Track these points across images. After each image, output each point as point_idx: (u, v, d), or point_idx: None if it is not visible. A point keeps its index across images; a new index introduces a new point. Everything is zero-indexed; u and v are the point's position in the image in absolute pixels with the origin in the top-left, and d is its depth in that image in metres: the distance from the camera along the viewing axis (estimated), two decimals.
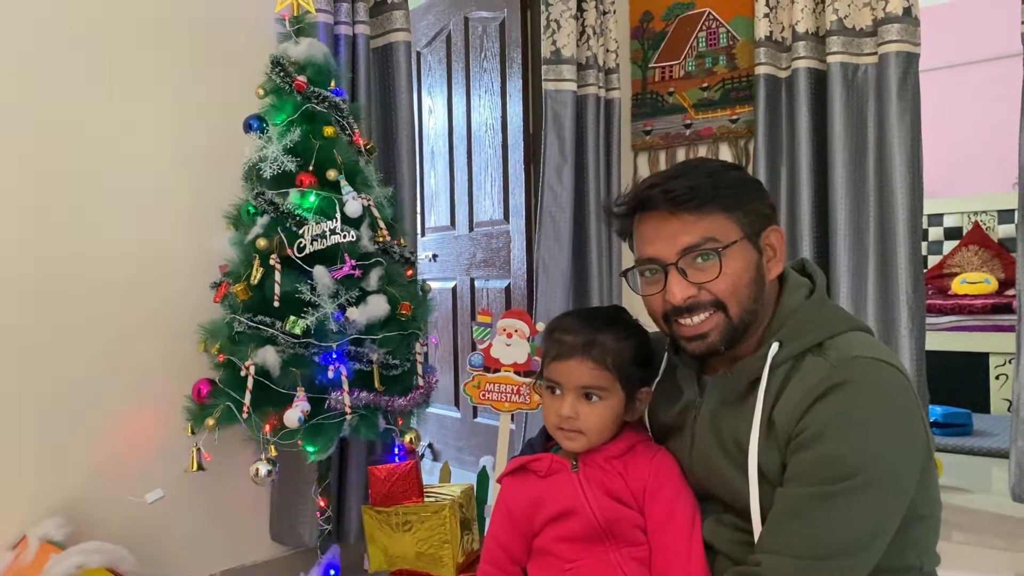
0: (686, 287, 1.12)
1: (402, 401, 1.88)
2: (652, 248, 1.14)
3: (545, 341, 1.23)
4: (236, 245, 1.88)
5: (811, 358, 1.10)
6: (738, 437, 1.12)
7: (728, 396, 1.17)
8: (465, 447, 3.54)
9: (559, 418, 1.17)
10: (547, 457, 1.22)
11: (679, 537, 1.15)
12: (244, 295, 1.80)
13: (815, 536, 1.01)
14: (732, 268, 1.11)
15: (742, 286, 1.12)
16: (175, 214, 2.13)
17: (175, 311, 2.09)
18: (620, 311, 1.26)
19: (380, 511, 1.91)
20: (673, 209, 1.11)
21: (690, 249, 1.11)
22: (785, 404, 1.08)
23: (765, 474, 1.08)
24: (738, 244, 1.11)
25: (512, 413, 2.07)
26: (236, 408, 1.78)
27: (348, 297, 1.82)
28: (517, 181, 3.24)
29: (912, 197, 2.53)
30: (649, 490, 1.17)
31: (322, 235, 1.80)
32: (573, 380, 1.16)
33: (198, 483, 2.03)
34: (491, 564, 1.25)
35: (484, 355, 2.04)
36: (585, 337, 1.18)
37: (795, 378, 1.10)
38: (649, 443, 1.24)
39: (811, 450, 1.04)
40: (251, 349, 1.78)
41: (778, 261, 1.18)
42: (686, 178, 1.12)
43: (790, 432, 1.06)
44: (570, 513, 1.17)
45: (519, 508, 1.21)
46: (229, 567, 2.23)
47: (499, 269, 3.38)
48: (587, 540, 1.17)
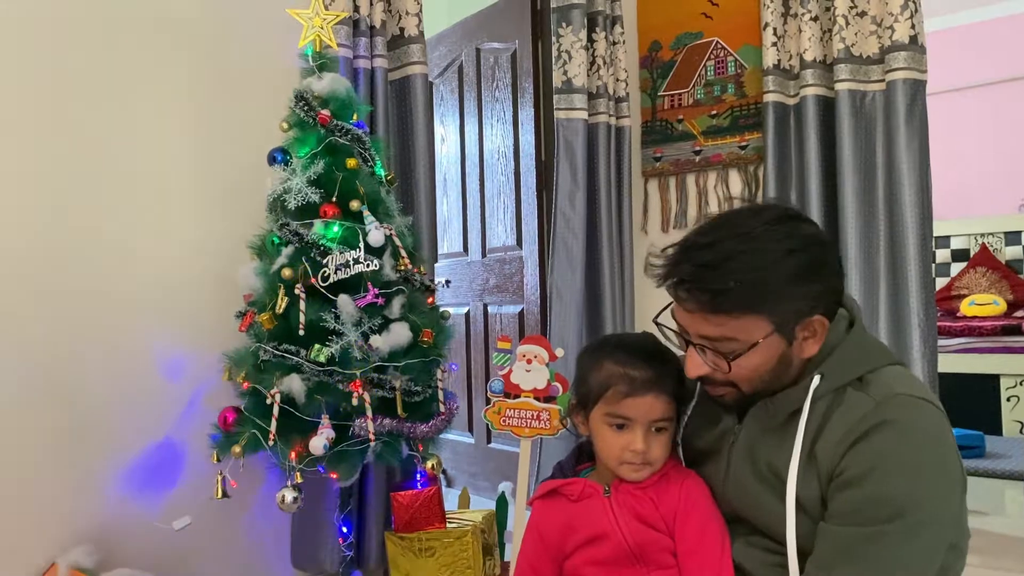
0: (699, 366, 1.14)
1: (424, 427, 1.91)
2: (679, 318, 1.16)
3: (599, 374, 1.21)
4: (261, 275, 1.92)
5: (852, 392, 1.11)
6: (776, 465, 1.14)
7: (768, 425, 1.18)
8: (479, 473, 3.55)
9: (631, 453, 1.18)
10: (580, 482, 1.24)
11: (709, 560, 1.17)
12: (269, 324, 1.84)
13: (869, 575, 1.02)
14: (746, 364, 1.11)
15: (757, 375, 1.13)
16: (200, 244, 2.18)
17: (201, 340, 2.12)
18: (656, 340, 1.26)
19: (403, 537, 1.93)
20: (696, 308, 1.10)
21: (708, 339, 1.12)
22: (828, 438, 1.09)
23: (803, 504, 1.10)
24: (763, 342, 1.09)
25: (533, 439, 2.09)
26: (262, 435, 1.81)
27: (371, 325, 1.86)
28: (530, 208, 3.28)
29: (922, 222, 2.57)
30: (680, 514, 1.19)
31: (346, 264, 1.84)
32: (647, 415, 1.17)
33: (222, 510, 2.05)
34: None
35: (504, 381, 2.07)
36: (655, 371, 1.18)
37: (837, 412, 1.11)
38: (679, 468, 1.26)
39: (857, 489, 1.05)
40: (276, 377, 1.81)
41: (816, 342, 1.15)
42: (721, 276, 1.06)
43: (832, 468, 1.08)
44: (602, 537, 1.19)
45: (550, 531, 1.24)
46: None
47: (512, 294, 3.41)
48: (618, 563, 1.19)
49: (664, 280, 1.14)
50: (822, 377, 1.13)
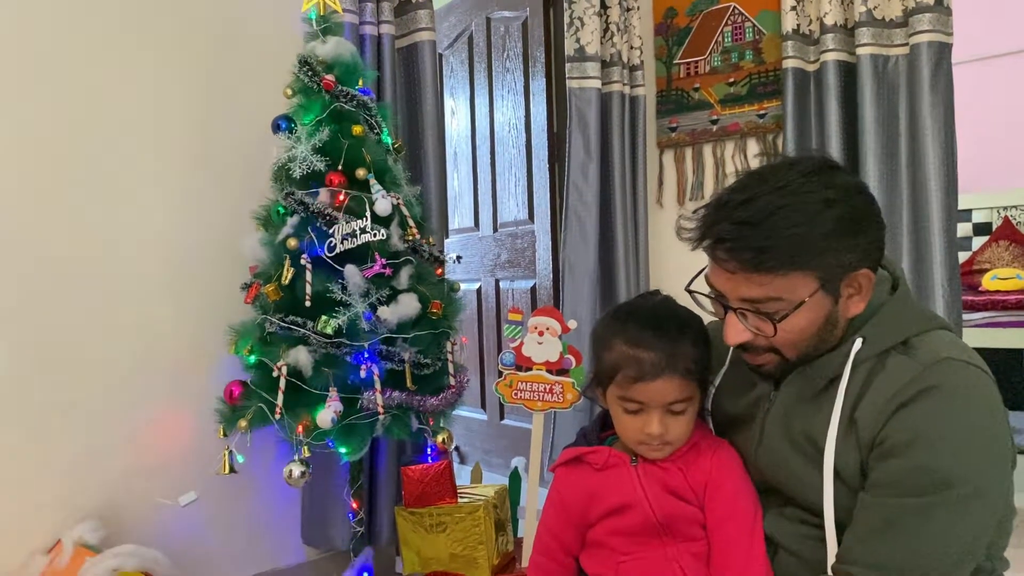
0: (740, 332, 1.07)
1: (434, 401, 1.87)
2: (716, 282, 1.08)
3: (610, 355, 1.13)
4: (266, 245, 1.87)
5: (896, 356, 1.05)
6: (812, 433, 1.08)
7: (805, 392, 1.11)
8: (493, 449, 3.52)
9: (647, 436, 1.11)
10: (604, 450, 1.18)
11: (740, 533, 1.11)
12: (275, 295, 1.79)
13: (913, 551, 0.97)
14: (793, 325, 1.04)
15: (803, 339, 1.06)
16: (204, 215, 2.13)
17: (206, 313, 2.08)
18: (674, 305, 1.18)
19: (414, 512, 1.89)
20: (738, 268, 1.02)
21: (751, 302, 1.04)
22: (869, 404, 1.03)
23: (840, 473, 1.04)
24: (809, 301, 1.02)
25: (545, 412, 2.04)
26: (268, 409, 1.77)
27: (379, 296, 1.81)
28: (541, 181, 3.22)
29: (946, 190, 2.49)
30: (710, 486, 1.13)
31: (352, 234, 1.79)
32: (661, 399, 1.10)
33: (230, 486, 2.02)
34: (543, 555, 1.23)
35: (516, 354, 2.02)
36: (666, 351, 1.09)
37: (879, 377, 1.04)
38: (710, 437, 1.20)
39: (901, 459, 0.99)
40: (283, 350, 1.77)
41: (862, 298, 1.07)
42: (763, 232, 0.99)
43: (875, 435, 1.01)
44: (627, 507, 1.14)
45: (573, 500, 1.18)
46: (261, 571, 2.22)
47: (524, 269, 3.36)
48: (643, 534, 1.14)
49: (700, 241, 1.06)
50: (864, 340, 1.06)
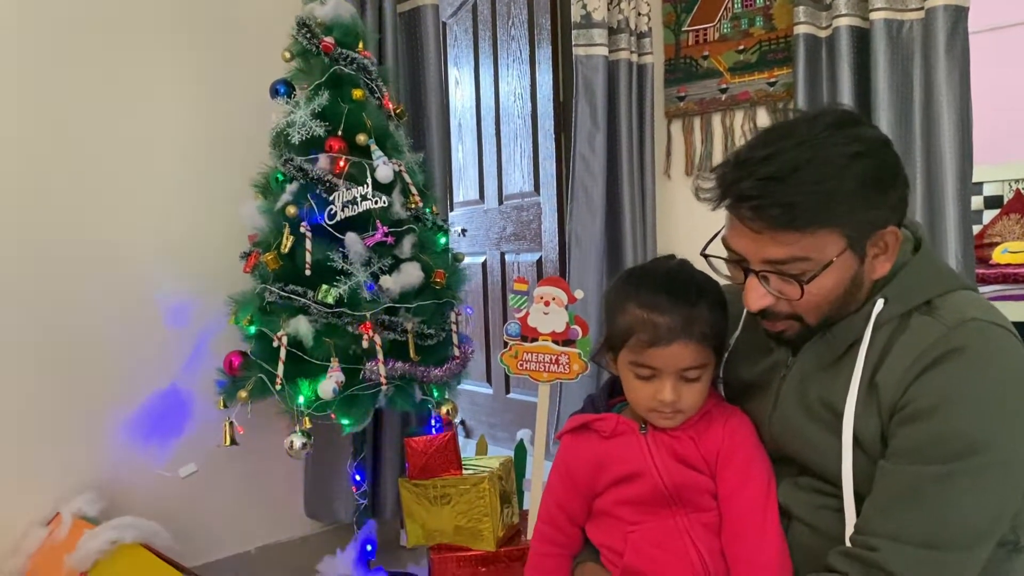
0: (762, 296, 1.01)
1: (438, 371, 1.83)
2: (737, 244, 1.02)
3: (623, 318, 1.08)
4: (265, 213, 1.84)
5: (919, 317, 1.00)
6: (830, 399, 1.03)
7: (824, 358, 1.06)
8: (498, 424, 3.49)
9: (659, 403, 1.06)
10: (612, 418, 1.14)
11: (754, 504, 1.07)
12: (274, 264, 1.76)
13: (937, 522, 0.92)
14: (820, 287, 0.99)
15: (828, 302, 1.01)
16: (202, 184, 2.09)
17: (205, 282, 2.05)
18: (691, 269, 1.13)
19: (417, 484, 1.86)
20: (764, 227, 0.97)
21: (776, 263, 0.98)
22: (891, 367, 0.98)
23: (860, 440, 0.99)
24: (837, 261, 0.98)
25: (551, 383, 2.01)
26: (269, 380, 1.74)
27: (381, 265, 1.78)
28: (547, 151, 3.16)
29: (961, 159, 2.43)
30: (723, 455, 1.09)
31: (353, 201, 1.75)
32: (675, 365, 1.05)
33: (232, 458, 2.00)
34: (548, 524, 1.19)
35: (521, 324, 1.98)
36: (683, 316, 1.04)
37: (902, 339, 0.99)
38: (723, 405, 1.15)
39: (924, 424, 0.94)
40: (283, 319, 1.74)
41: (888, 258, 1.02)
42: (789, 186, 0.94)
43: (896, 400, 0.96)
44: (635, 477, 1.10)
45: (580, 468, 1.14)
46: (265, 543, 2.20)
47: (530, 242, 3.31)
48: (652, 504, 1.10)
49: (721, 200, 1.01)
50: (886, 301, 1.01)
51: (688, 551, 1.06)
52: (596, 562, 1.15)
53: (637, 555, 1.08)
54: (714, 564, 1.06)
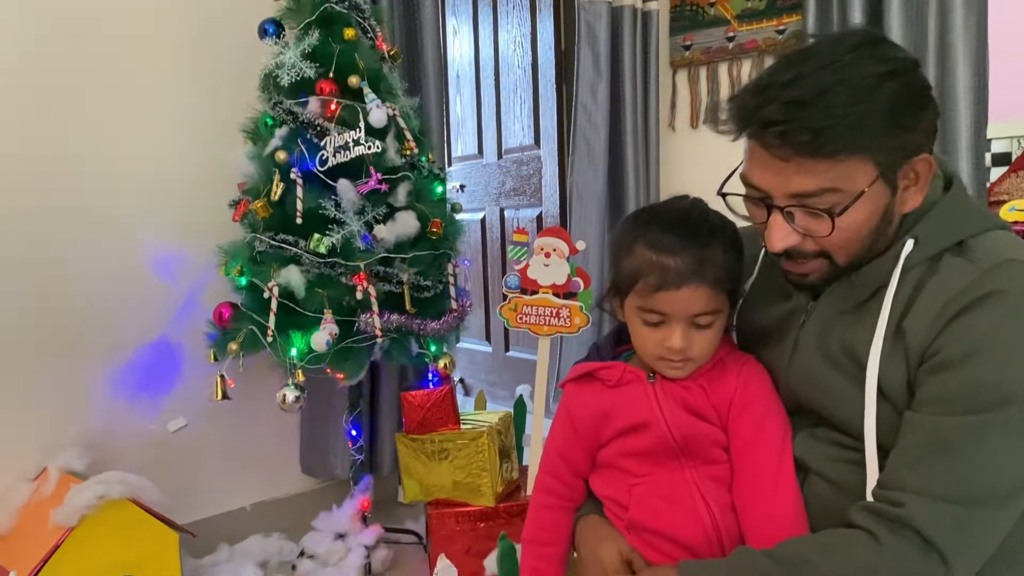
0: (788, 235, 0.94)
1: (435, 324, 1.78)
2: (759, 178, 0.94)
3: (630, 260, 1.00)
4: (254, 159, 1.76)
5: (951, 259, 0.93)
6: (853, 347, 0.96)
7: (848, 303, 0.99)
8: (497, 382, 3.45)
9: (668, 351, 0.99)
10: (618, 366, 1.07)
11: (768, 457, 1.01)
12: (264, 212, 1.69)
13: (968, 475, 0.86)
14: (851, 221, 0.92)
15: (858, 239, 0.94)
16: (189, 130, 2.01)
17: (195, 234, 1.98)
18: (705, 208, 1.05)
19: (415, 439, 1.82)
20: (792, 155, 0.89)
21: (803, 196, 0.91)
22: (920, 312, 0.91)
23: (884, 389, 0.93)
24: (868, 191, 0.90)
25: (551, 337, 1.95)
26: (260, 332, 1.68)
27: (375, 214, 1.71)
28: (548, 103, 3.07)
29: (976, 110, 2.36)
30: (735, 406, 1.02)
31: (345, 146, 1.68)
32: (685, 310, 0.98)
33: (225, 413, 1.95)
34: (550, 475, 1.13)
35: (521, 276, 1.92)
36: (694, 257, 0.97)
37: (932, 282, 0.92)
38: (736, 353, 1.08)
39: (956, 372, 0.87)
40: (274, 269, 1.68)
41: (919, 190, 0.95)
42: (818, 110, 0.86)
43: (926, 346, 0.90)
44: (642, 427, 1.04)
45: (584, 419, 1.08)
46: (259, 500, 2.17)
47: (530, 197, 3.24)
48: (659, 456, 1.04)
49: (743, 129, 0.92)
50: (916, 242, 0.94)
51: (696, 505, 1.01)
52: (599, 515, 1.10)
53: (642, 509, 1.03)
54: (724, 519, 1.00)
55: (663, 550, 1.01)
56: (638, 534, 1.04)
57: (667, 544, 1.01)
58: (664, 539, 1.01)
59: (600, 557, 1.05)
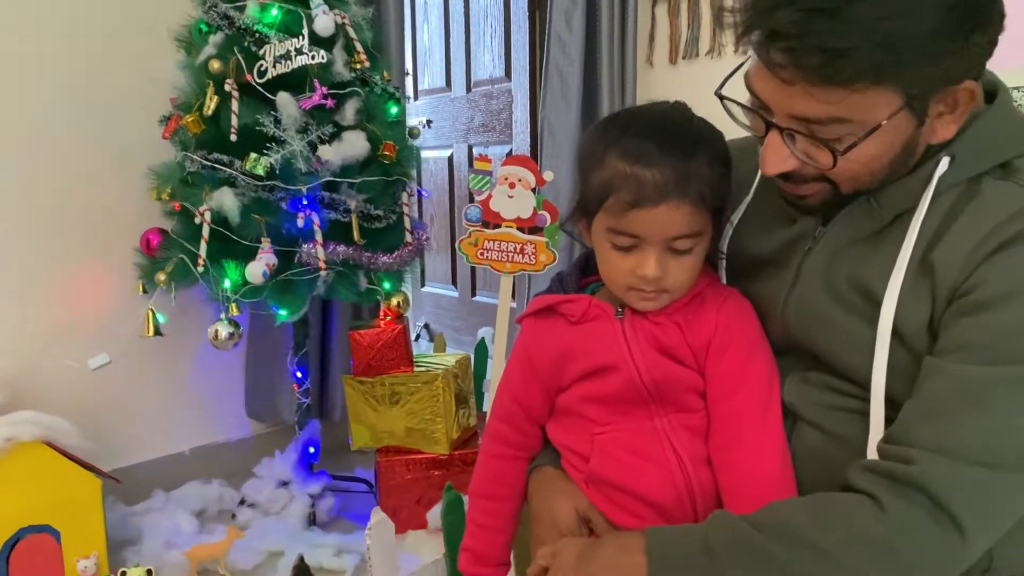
0: (784, 159, 0.79)
1: (387, 258, 1.63)
2: (762, 88, 0.78)
3: (601, 172, 0.85)
4: (186, 70, 1.59)
5: (993, 183, 0.78)
6: (866, 280, 0.82)
7: (863, 229, 0.84)
8: (463, 327, 3.32)
9: (640, 279, 0.85)
10: (583, 299, 0.92)
11: (752, 404, 0.87)
12: (196, 128, 1.53)
13: (997, 434, 0.72)
14: (861, 154, 0.77)
15: (867, 172, 0.79)
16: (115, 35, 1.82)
17: (123, 152, 1.80)
18: (689, 113, 0.89)
19: (363, 382, 1.68)
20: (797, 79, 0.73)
21: (807, 122, 0.76)
22: (953, 243, 0.77)
23: (900, 330, 0.78)
24: (886, 124, 0.75)
25: (515, 275, 1.81)
26: (191, 261, 1.53)
27: (320, 133, 1.55)
28: (520, 31, 2.89)
29: None
30: (715, 346, 0.88)
31: (286, 55, 1.51)
32: (662, 232, 0.84)
33: (160, 351, 1.81)
34: (503, 421, 0.99)
35: (483, 208, 1.77)
36: (675, 170, 0.82)
37: (970, 207, 0.78)
38: (718, 286, 0.94)
39: (996, 313, 0.73)
40: (206, 192, 1.52)
41: (955, 119, 0.79)
42: (841, 26, 0.69)
43: (958, 283, 0.76)
44: (608, 370, 0.89)
45: (543, 359, 0.94)
46: (198, 445, 2.03)
47: (500, 134, 3.07)
48: (627, 403, 0.90)
49: (749, 30, 0.75)
50: (952, 160, 0.79)
51: (666, 457, 0.87)
52: (556, 466, 0.97)
53: (605, 460, 0.89)
54: (697, 474, 0.87)
55: (626, 507, 0.88)
56: (599, 488, 0.90)
57: (631, 500, 0.88)
58: (628, 495, 0.88)
59: (554, 514, 0.92)
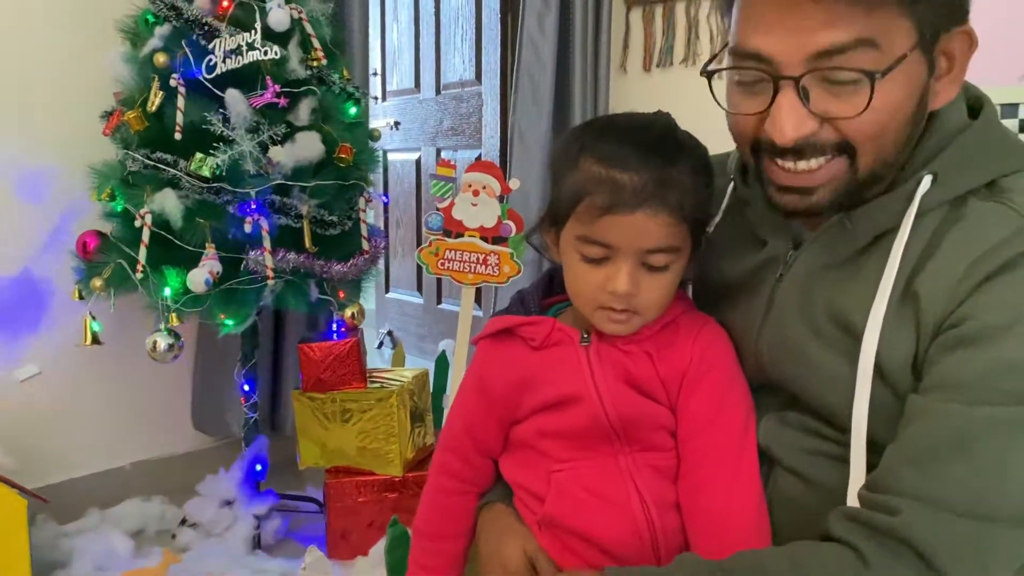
0: (804, 119, 0.70)
1: (341, 267, 1.54)
2: (764, 39, 0.70)
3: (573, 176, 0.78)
4: (130, 63, 1.49)
5: (980, 203, 0.72)
6: (844, 310, 0.75)
7: (838, 253, 0.77)
8: (427, 335, 3.24)
9: (611, 296, 0.77)
10: (546, 322, 0.84)
11: (726, 445, 0.79)
12: (138, 125, 1.44)
13: (989, 482, 0.66)
14: (888, 99, 0.69)
15: (893, 127, 0.71)
16: (61, 28, 1.72)
17: (68, 149, 1.70)
18: (673, 123, 0.81)
19: (313, 397, 1.59)
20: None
21: (830, 55, 0.68)
22: (938, 270, 0.70)
23: (883, 367, 0.72)
24: (907, 60, 0.69)
25: (477, 287, 1.73)
26: (130, 266, 1.43)
27: (272, 133, 1.46)
28: (492, 34, 2.82)
29: None
30: (688, 380, 0.80)
31: (237, 50, 1.42)
32: (637, 242, 0.76)
33: (101, 361, 1.71)
34: (452, 452, 0.91)
35: (444, 216, 1.69)
36: (655, 176, 0.75)
37: (956, 231, 0.71)
38: (693, 313, 0.86)
39: (987, 349, 0.67)
40: (147, 193, 1.42)
41: (953, 79, 0.74)
42: None
43: (945, 315, 0.69)
44: (570, 402, 0.81)
45: (499, 386, 0.85)
46: (140, 459, 1.93)
47: (469, 137, 3.00)
48: (589, 439, 0.81)
49: None
50: (935, 178, 0.72)
51: (629, 500, 0.80)
52: (508, 504, 0.88)
53: (561, 501, 0.81)
54: (662, 519, 0.79)
55: (581, 554, 0.80)
56: (553, 533, 0.82)
57: (587, 547, 0.80)
58: (584, 541, 0.80)
59: (503, 556, 0.84)
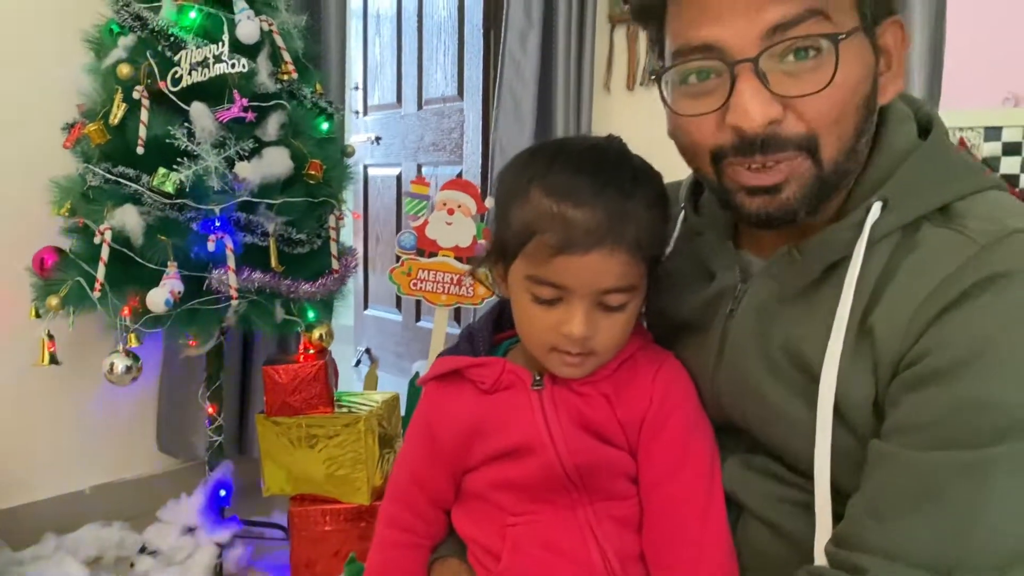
0: (768, 101, 0.66)
1: (309, 287, 1.49)
2: (712, 29, 0.66)
3: (522, 210, 0.73)
4: (93, 74, 1.44)
5: (933, 230, 0.67)
6: (799, 349, 0.71)
7: (790, 286, 0.73)
8: (406, 353, 3.18)
9: (564, 338, 0.72)
10: (497, 363, 0.79)
11: (693, 490, 0.74)
12: (99, 138, 1.39)
13: (957, 533, 0.61)
14: (849, 73, 0.66)
15: (852, 109, 0.68)
16: (18, 37, 1.66)
17: (26, 162, 1.65)
18: (625, 148, 0.77)
19: (278, 422, 1.54)
20: None
21: (784, 28, 0.65)
22: (893, 304, 0.66)
23: (842, 409, 0.67)
24: (854, 37, 0.66)
25: (451, 308, 1.69)
26: (88, 284, 1.37)
27: (239, 148, 1.41)
28: (474, 50, 2.79)
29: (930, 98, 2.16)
30: (649, 423, 0.75)
31: (203, 62, 1.37)
32: (592, 283, 0.71)
33: (57, 381, 1.64)
34: (400, 503, 0.84)
35: (418, 235, 1.65)
36: (609, 212, 0.70)
37: (909, 260, 0.67)
38: (651, 348, 0.81)
39: (947, 388, 0.62)
40: (107, 209, 1.37)
41: (895, 75, 0.71)
42: None
43: (902, 352, 0.65)
44: (523, 451, 0.75)
45: (447, 433, 0.79)
46: (101, 482, 1.86)
47: (450, 154, 2.96)
48: (545, 490, 0.76)
49: None
50: (885, 204, 0.68)
51: (589, 554, 0.74)
52: (461, 558, 0.82)
53: (517, 559, 0.75)
54: (626, 573, 0.75)
55: None
56: None
57: None
58: None
59: None
